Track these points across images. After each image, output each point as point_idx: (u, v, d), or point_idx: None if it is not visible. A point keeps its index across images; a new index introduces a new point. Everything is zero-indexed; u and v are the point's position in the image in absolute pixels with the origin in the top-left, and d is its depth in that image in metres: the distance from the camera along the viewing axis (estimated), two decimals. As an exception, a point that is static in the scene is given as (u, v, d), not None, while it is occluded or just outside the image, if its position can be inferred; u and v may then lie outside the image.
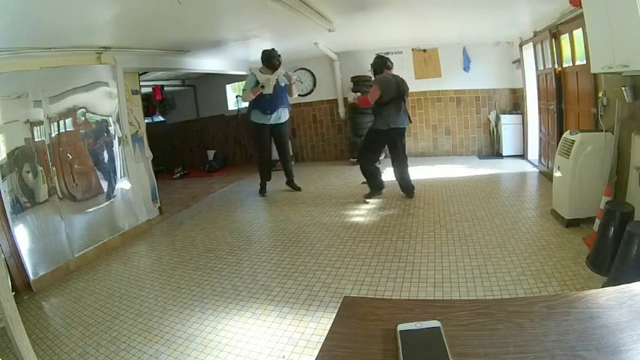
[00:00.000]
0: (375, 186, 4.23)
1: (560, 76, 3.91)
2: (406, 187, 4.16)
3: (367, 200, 4.16)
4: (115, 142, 3.74)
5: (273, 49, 4.44)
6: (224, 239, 3.50)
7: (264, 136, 4.63)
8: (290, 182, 4.91)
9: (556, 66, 3.92)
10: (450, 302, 0.72)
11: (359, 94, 4.46)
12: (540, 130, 4.77)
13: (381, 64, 4.02)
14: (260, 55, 4.46)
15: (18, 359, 1.45)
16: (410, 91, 6.13)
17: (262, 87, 4.35)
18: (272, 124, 4.56)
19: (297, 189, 4.86)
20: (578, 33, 3.33)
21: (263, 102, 4.43)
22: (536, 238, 2.81)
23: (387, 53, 6.19)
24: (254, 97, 4.38)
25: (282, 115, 4.59)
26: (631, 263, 1.89)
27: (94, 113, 3.55)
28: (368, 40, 5.53)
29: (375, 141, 4.07)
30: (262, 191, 4.84)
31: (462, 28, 4.90)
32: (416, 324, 0.60)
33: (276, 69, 4.46)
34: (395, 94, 3.88)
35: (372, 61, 4.16)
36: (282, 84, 4.52)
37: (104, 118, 3.66)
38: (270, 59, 4.43)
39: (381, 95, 3.81)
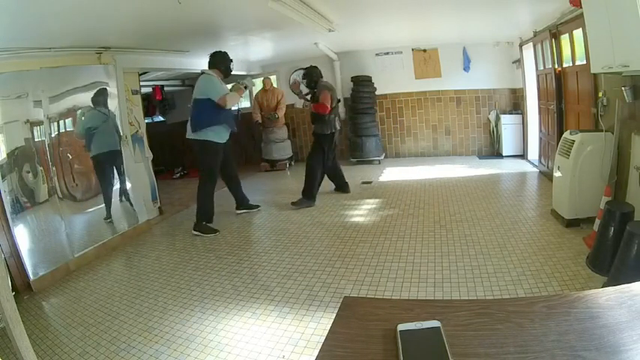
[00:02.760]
0: (312, 195, 4.22)
1: (560, 76, 3.91)
2: (344, 183, 4.58)
3: (293, 206, 4.12)
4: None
5: (226, 52, 3.65)
6: (224, 239, 3.50)
7: (220, 159, 3.66)
8: (248, 204, 4.19)
9: (556, 66, 3.92)
10: (450, 302, 0.72)
11: (306, 102, 4.20)
12: (540, 130, 4.77)
13: (318, 73, 4.25)
14: (211, 58, 3.60)
15: (18, 359, 1.45)
16: (410, 91, 6.26)
17: (246, 87, 3.60)
18: (225, 142, 3.65)
19: (257, 207, 4.22)
20: (578, 33, 3.33)
21: (229, 115, 3.62)
22: (536, 238, 2.81)
23: (387, 53, 6.24)
24: (238, 101, 3.53)
25: None
26: (631, 263, 1.89)
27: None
28: (368, 40, 5.53)
29: (326, 145, 4.23)
30: (213, 231, 3.63)
31: (462, 28, 4.90)
32: (416, 324, 0.60)
33: (229, 77, 3.70)
34: (336, 99, 4.23)
35: (305, 71, 4.25)
36: None
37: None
38: (228, 63, 3.63)
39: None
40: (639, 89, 2.35)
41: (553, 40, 3.90)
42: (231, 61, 3.66)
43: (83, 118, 3.42)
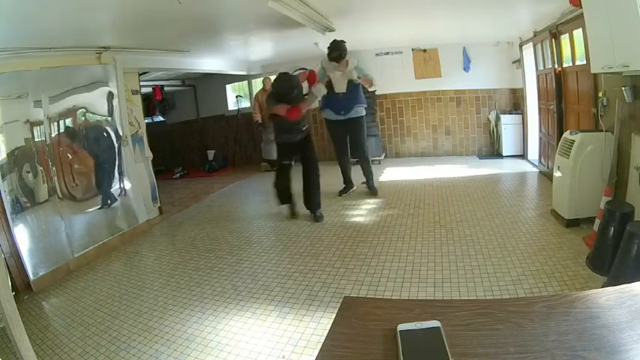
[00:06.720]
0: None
1: (560, 76, 3.91)
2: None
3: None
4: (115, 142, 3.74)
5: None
6: (224, 239, 3.50)
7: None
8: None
9: (556, 66, 3.92)
10: (450, 302, 0.72)
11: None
12: (540, 130, 4.77)
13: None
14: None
15: (18, 359, 1.45)
16: (410, 91, 6.25)
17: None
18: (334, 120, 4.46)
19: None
20: (578, 33, 3.33)
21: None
22: (536, 238, 2.81)
23: (387, 53, 6.23)
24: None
25: None
26: (631, 263, 1.89)
27: (93, 113, 3.55)
28: (368, 40, 5.52)
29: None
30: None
31: (462, 28, 4.90)
32: (416, 324, 0.60)
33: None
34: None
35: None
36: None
37: (104, 117, 3.66)
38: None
39: None
40: (639, 89, 2.35)
41: (553, 40, 3.89)
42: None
43: None
